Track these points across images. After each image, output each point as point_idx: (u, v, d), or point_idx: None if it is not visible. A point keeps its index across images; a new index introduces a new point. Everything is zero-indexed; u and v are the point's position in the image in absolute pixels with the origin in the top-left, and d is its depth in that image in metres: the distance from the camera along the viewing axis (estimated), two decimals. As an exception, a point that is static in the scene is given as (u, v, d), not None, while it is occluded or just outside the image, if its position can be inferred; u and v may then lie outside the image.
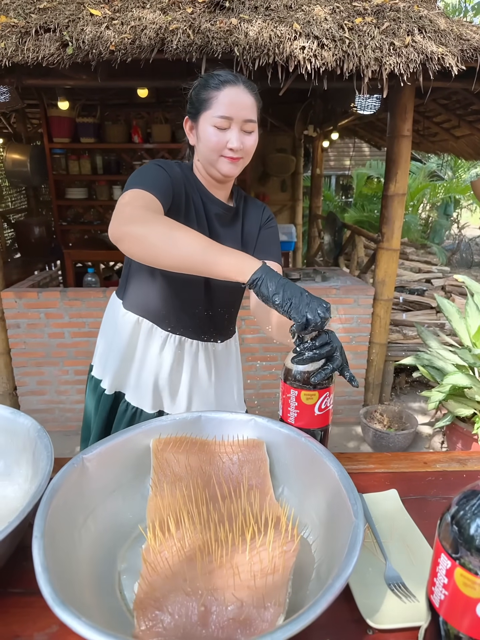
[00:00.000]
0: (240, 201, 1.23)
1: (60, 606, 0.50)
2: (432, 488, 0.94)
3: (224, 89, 1.03)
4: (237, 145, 1.03)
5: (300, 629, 0.49)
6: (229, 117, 1.02)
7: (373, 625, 0.64)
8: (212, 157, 1.06)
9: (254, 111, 1.06)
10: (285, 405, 0.88)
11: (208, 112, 1.04)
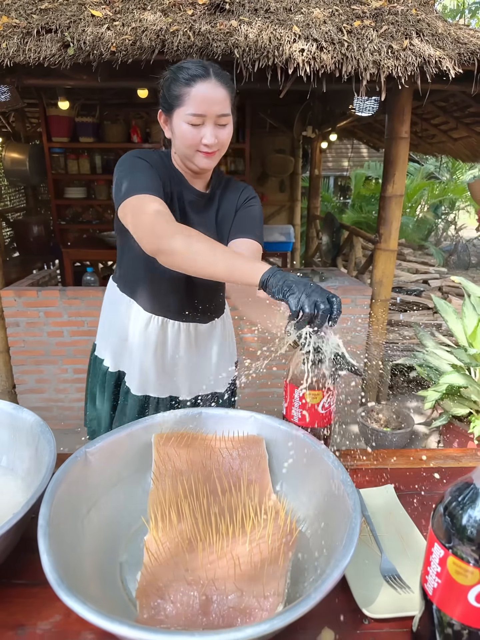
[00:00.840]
0: (218, 186, 1.23)
1: (66, 592, 0.52)
2: (427, 484, 0.96)
3: (195, 84, 1.02)
4: (212, 140, 1.05)
5: (298, 616, 0.51)
6: (202, 114, 1.03)
7: (369, 614, 0.65)
8: (188, 152, 1.08)
9: (227, 104, 1.06)
10: (289, 405, 0.90)
11: (181, 108, 1.04)
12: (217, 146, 1.07)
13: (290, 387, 0.90)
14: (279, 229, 5.38)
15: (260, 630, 0.48)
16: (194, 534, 0.66)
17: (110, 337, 1.34)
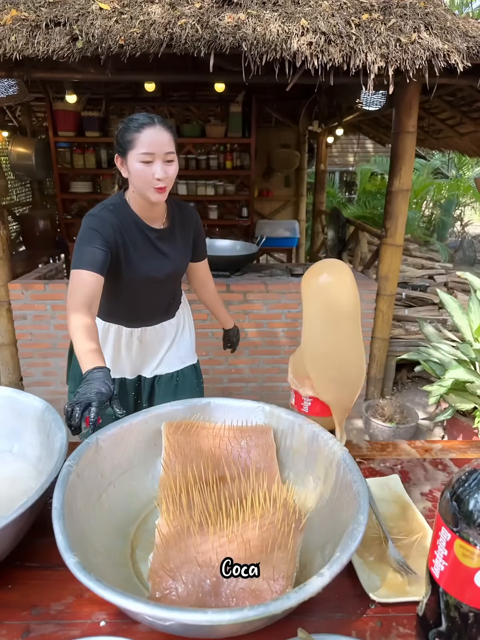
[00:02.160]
0: (174, 216, 1.45)
1: (82, 571, 0.53)
2: (433, 474, 0.97)
3: (144, 130, 1.22)
4: (162, 174, 1.24)
5: (308, 596, 0.52)
6: (152, 152, 1.22)
7: (375, 599, 0.67)
8: (143, 187, 1.27)
9: (171, 144, 1.26)
10: (297, 398, 0.91)
11: (133, 150, 1.23)
12: (167, 180, 1.26)
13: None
14: (284, 225, 5.37)
15: (271, 608, 0.50)
16: (205, 518, 0.68)
17: None
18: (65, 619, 0.64)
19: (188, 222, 1.50)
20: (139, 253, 1.38)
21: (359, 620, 0.65)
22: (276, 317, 3.10)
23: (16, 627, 0.63)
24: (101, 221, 1.30)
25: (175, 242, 1.46)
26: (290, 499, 0.73)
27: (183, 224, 1.49)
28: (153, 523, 0.76)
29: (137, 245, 1.38)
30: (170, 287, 1.54)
